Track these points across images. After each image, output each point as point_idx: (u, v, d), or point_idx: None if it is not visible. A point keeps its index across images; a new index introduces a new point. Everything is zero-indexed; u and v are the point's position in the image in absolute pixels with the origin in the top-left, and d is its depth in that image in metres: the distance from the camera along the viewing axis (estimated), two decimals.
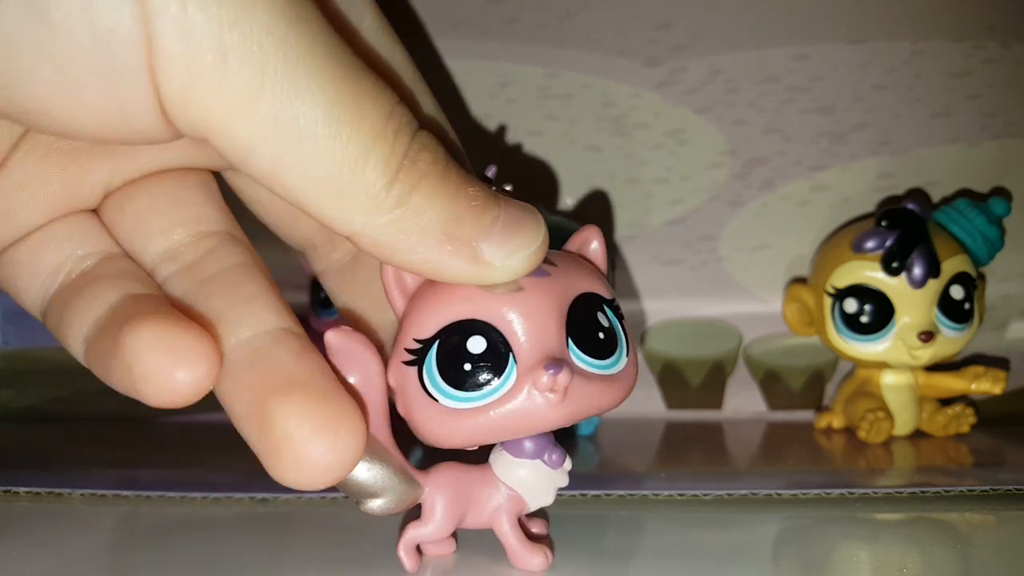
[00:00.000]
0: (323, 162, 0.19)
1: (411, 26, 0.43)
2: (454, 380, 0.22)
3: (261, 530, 0.28)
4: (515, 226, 0.21)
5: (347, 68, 0.19)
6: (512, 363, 0.22)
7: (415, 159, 0.20)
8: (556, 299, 0.23)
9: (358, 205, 0.19)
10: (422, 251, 0.20)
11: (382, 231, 0.20)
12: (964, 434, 0.41)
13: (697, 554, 0.27)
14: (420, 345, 0.22)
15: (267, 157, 0.19)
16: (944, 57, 0.44)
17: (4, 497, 0.31)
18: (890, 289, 0.39)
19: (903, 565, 0.26)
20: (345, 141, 0.19)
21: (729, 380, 0.47)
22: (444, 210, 0.20)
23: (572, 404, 0.22)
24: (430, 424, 0.23)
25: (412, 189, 0.20)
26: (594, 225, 0.25)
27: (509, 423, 0.22)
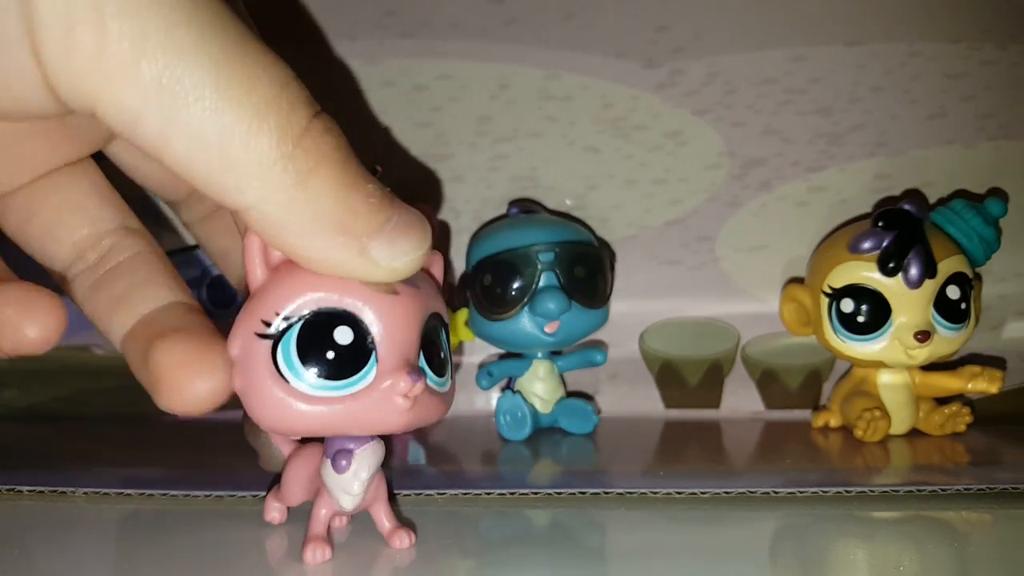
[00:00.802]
0: (212, 126, 0.18)
1: (411, 28, 0.43)
2: (313, 364, 0.22)
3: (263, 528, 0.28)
4: (405, 230, 0.21)
5: (236, 35, 0.19)
6: (373, 361, 0.22)
7: (317, 140, 0.19)
8: (419, 311, 0.23)
9: (251, 175, 0.19)
10: (312, 238, 0.20)
11: (276, 208, 0.19)
12: (960, 433, 0.41)
13: (695, 551, 0.27)
14: (279, 320, 0.22)
15: (154, 122, 0.18)
16: (941, 59, 0.44)
17: (8, 496, 0.31)
18: (887, 289, 0.39)
19: (900, 563, 0.26)
20: (235, 104, 0.18)
21: (727, 379, 0.47)
22: (342, 201, 0.20)
23: (415, 413, 0.23)
24: (271, 403, 0.22)
25: (311, 171, 0.19)
26: (436, 251, 0.25)
27: (354, 419, 0.22)
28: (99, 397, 0.45)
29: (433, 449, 0.40)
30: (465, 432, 0.43)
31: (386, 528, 0.26)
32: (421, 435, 0.41)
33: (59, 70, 0.18)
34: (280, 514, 0.28)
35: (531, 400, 0.41)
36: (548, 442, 0.40)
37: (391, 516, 0.26)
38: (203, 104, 0.18)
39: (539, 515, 0.30)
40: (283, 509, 0.28)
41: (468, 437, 0.42)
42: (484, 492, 0.31)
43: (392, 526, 0.26)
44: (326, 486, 0.25)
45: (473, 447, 0.40)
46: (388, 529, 0.26)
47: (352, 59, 0.43)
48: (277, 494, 0.28)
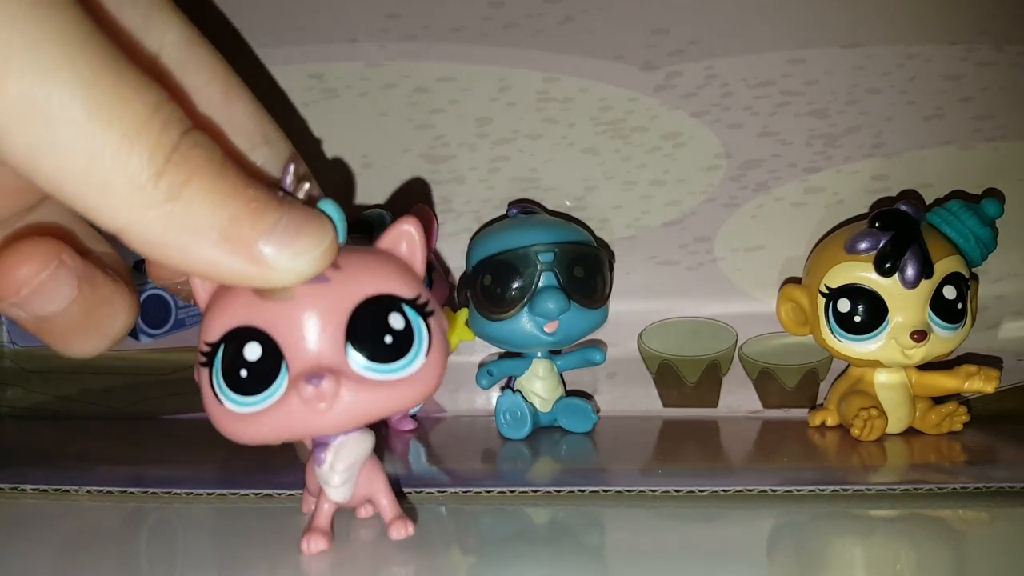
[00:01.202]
0: (82, 148, 0.18)
1: (412, 30, 0.43)
2: (233, 385, 0.23)
3: (266, 526, 0.29)
4: (298, 229, 0.21)
5: (105, 55, 0.18)
6: (284, 371, 0.22)
7: (187, 155, 0.19)
8: (334, 305, 0.23)
9: (123, 196, 0.18)
10: (196, 250, 0.20)
11: (151, 227, 0.19)
12: (957, 432, 0.41)
13: (693, 549, 0.27)
14: (209, 348, 0.23)
15: (21, 143, 0.18)
16: (937, 60, 0.44)
17: (11, 494, 0.31)
18: (883, 289, 0.39)
19: (897, 561, 0.26)
20: (105, 126, 0.18)
21: (725, 379, 0.47)
22: (219, 208, 0.19)
23: (345, 411, 0.22)
24: (220, 423, 0.23)
25: (183, 184, 0.19)
26: (411, 217, 0.25)
27: (285, 428, 0.23)
28: (102, 396, 0.45)
29: (433, 448, 0.40)
30: (465, 431, 0.43)
31: (387, 518, 0.26)
32: (422, 434, 0.42)
33: None
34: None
35: (531, 399, 0.41)
36: (548, 441, 0.40)
37: (394, 506, 0.26)
38: (72, 127, 0.17)
39: (539, 513, 0.30)
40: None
41: (468, 436, 0.42)
42: (484, 490, 0.31)
43: (392, 516, 0.26)
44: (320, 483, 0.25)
45: (473, 446, 0.40)
46: (388, 520, 0.26)
47: (353, 61, 0.43)
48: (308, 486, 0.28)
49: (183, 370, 0.45)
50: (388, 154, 0.45)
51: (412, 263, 0.25)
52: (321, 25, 0.43)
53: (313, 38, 0.43)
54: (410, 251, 0.25)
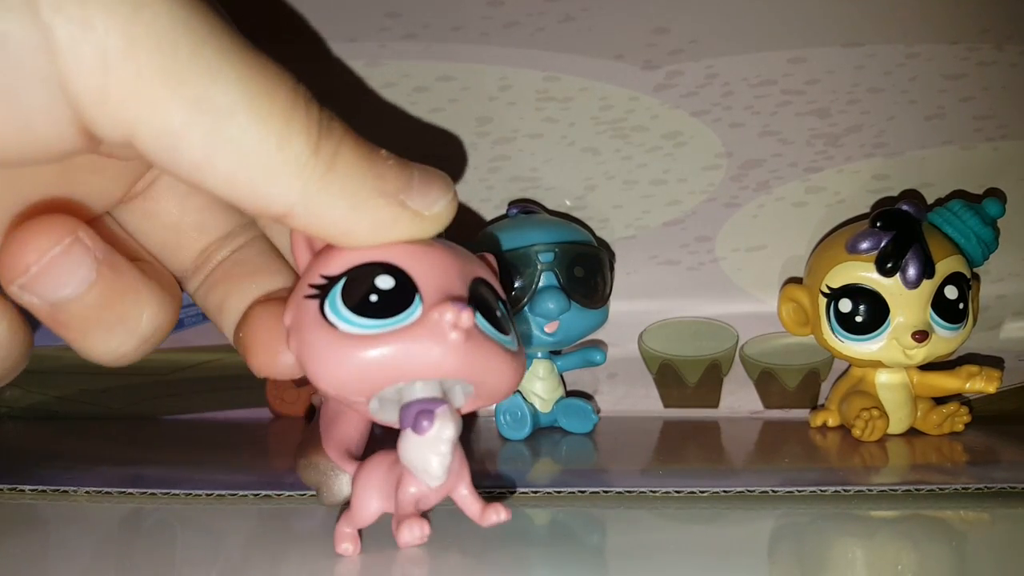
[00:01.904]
0: (252, 139, 0.19)
1: (412, 29, 0.43)
2: (358, 307, 0.22)
3: (265, 527, 0.28)
4: (429, 179, 0.22)
5: (247, 47, 0.19)
6: (418, 300, 0.22)
7: (330, 126, 0.20)
8: (461, 265, 0.23)
9: (293, 176, 0.20)
10: (357, 211, 0.21)
11: (319, 199, 0.20)
12: (958, 432, 0.41)
13: (693, 550, 0.27)
14: (326, 281, 0.22)
15: (197, 144, 0.19)
16: (939, 60, 0.44)
17: (10, 495, 0.31)
18: (884, 289, 0.39)
19: (898, 562, 0.26)
20: (267, 115, 0.19)
21: (725, 379, 0.47)
22: (369, 170, 0.21)
23: (471, 355, 0.22)
24: (323, 353, 0.22)
25: (335, 154, 0.20)
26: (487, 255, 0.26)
27: (407, 358, 0.22)
28: (100, 396, 0.45)
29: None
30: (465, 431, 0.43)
31: (475, 509, 0.25)
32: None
33: (94, 102, 0.18)
34: (354, 543, 0.26)
35: (531, 399, 0.41)
36: (548, 441, 0.40)
37: (476, 497, 0.25)
38: (238, 120, 0.19)
39: (539, 514, 0.30)
40: (356, 537, 0.26)
41: (468, 436, 0.42)
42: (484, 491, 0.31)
43: (481, 505, 0.25)
44: (410, 465, 0.24)
45: (473, 446, 0.40)
46: (478, 510, 0.25)
47: (353, 60, 0.43)
48: (348, 518, 0.26)
49: (182, 370, 0.45)
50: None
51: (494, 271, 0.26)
52: (320, 24, 0.43)
53: (312, 37, 0.43)
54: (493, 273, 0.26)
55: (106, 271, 0.21)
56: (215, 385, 0.45)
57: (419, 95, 0.44)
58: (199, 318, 0.45)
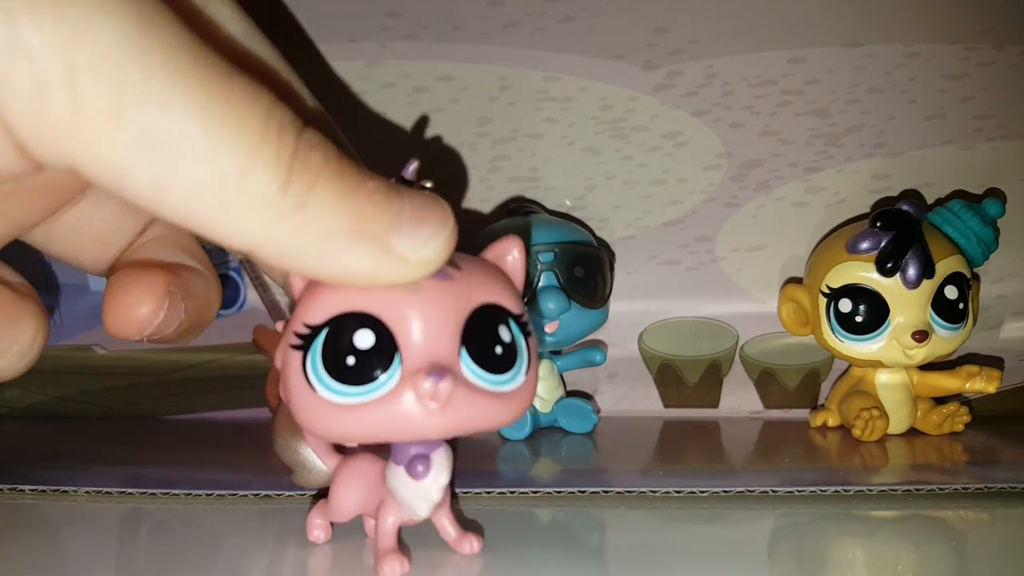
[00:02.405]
0: (207, 173, 0.17)
1: (412, 29, 0.43)
2: (336, 372, 0.21)
3: (264, 527, 0.28)
4: (423, 215, 0.20)
5: (214, 69, 0.17)
6: (397, 364, 0.21)
7: (306, 158, 0.18)
8: (455, 304, 0.22)
9: (254, 214, 0.18)
10: (331, 255, 0.19)
11: (286, 240, 0.18)
12: (958, 432, 0.41)
13: (694, 550, 0.27)
14: (309, 331, 0.21)
15: (145, 178, 0.17)
16: (938, 60, 0.44)
17: (10, 495, 0.31)
18: (884, 289, 0.39)
19: (898, 562, 0.26)
20: (227, 147, 0.17)
21: (725, 379, 0.47)
22: (347, 208, 0.19)
23: (453, 416, 0.21)
24: (306, 413, 0.22)
25: (308, 190, 0.18)
26: (516, 236, 0.24)
27: (385, 426, 0.21)
28: (101, 396, 0.45)
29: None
30: None
31: (451, 536, 0.25)
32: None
33: (30, 133, 0.16)
34: (325, 532, 0.27)
35: None
36: (548, 441, 0.40)
37: (455, 523, 0.26)
38: (195, 153, 0.17)
39: (539, 514, 0.30)
40: (327, 527, 0.27)
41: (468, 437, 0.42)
42: (484, 491, 0.31)
43: (458, 533, 0.25)
44: (396, 495, 0.24)
45: (473, 446, 0.40)
46: (454, 537, 0.25)
47: (353, 60, 0.43)
48: (322, 510, 0.26)
49: (182, 370, 0.45)
50: (387, 154, 0.45)
51: (515, 279, 0.24)
52: (320, 24, 0.43)
53: (312, 37, 0.43)
54: (513, 268, 0.24)
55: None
56: (215, 385, 0.45)
57: (419, 95, 0.44)
58: None
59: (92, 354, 0.45)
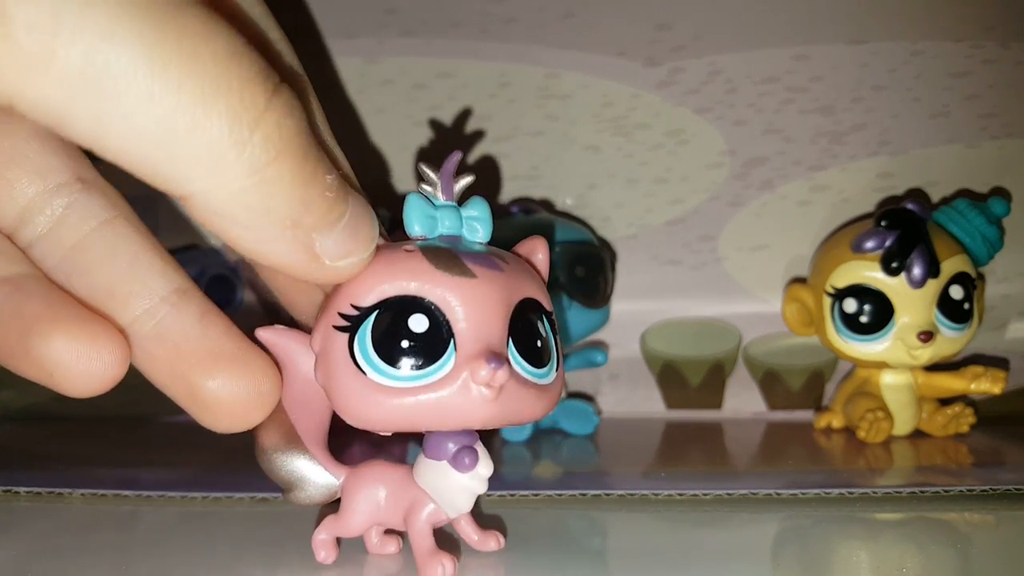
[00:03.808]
0: (149, 116, 0.16)
1: (411, 26, 0.43)
2: (388, 355, 0.21)
3: (261, 530, 0.28)
4: (356, 227, 0.20)
5: (168, 2, 0.16)
6: (452, 349, 0.21)
7: (278, 124, 0.17)
8: (505, 295, 0.22)
9: (199, 165, 0.16)
10: (259, 230, 0.18)
11: (224, 200, 0.17)
12: (963, 434, 0.41)
13: (697, 553, 0.27)
14: (357, 312, 0.21)
15: (83, 118, 0.16)
16: (943, 57, 0.44)
17: (5, 497, 0.31)
18: (889, 289, 0.39)
19: (903, 565, 0.26)
20: (175, 89, 0.16)
21: (729, 380, 0.47)
22: (299, 194, 0.18)
23: (503, 405, 0.21)
24: (351, 398, 0.22)
25: (270, 162, 0.17)
26: (541, 237, 0.25)
27: (436, 411, 0.21)
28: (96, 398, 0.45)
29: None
30: None
31: (474, 538, 0.25)
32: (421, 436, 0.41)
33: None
34: (334, 551, 0.25)
35: None
36: (549, 443, 0.40)
37: (475, 525, 0.25)
38: (136, 92, 0.15)
39: (540, 517, 0.30)
40: (334, 544, 0.25)
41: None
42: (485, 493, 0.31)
43: (480, 535, 0.25)
44: (434, 493, 0.24)
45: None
46: (477, 539, 0.25)
47: (352, 57, 0.43)
48: (332, 527, 0.25)
49: None
50: (386, 151, 0.44)
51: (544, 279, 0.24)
52: (318, 20, 0.43)
53: (310, 33, 0.43)
54: (542, 265, 0.24)
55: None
56: None
57: (418, 92, 0.44)
58: None
59: None
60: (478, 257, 0.22)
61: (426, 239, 0.23)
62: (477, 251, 0.22)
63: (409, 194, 0.23)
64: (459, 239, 0.23)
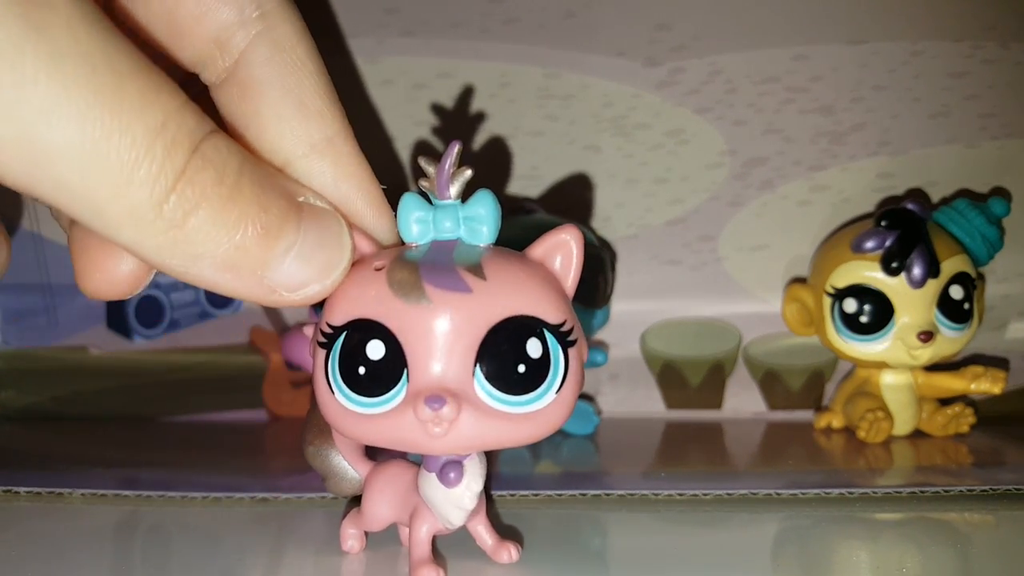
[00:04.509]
0: (79, 183, 0.16)
1: (411, 26, 0.43)
2: (349, 380, 0.21)
3: (261, 530, 0.28)
4: (311, 256, 0.19)
5: (109, 74, 0.16)
6: (404, 380, 0.21)
7: (193, 179, 0.17)
8: (471, 320, 0.20)
9: (123, 223, 0.17)
10: (199, 273, 0.18)
11: (153, 251, 0.18)
12: (963, 434, 0.41)
13: (697, 554, 0.27)
14: (331, 331, 0.21)
15: (18, 171, 0.16)
16: (943, 57, 0.44)
17: (4, 497, 0.31)
18: (889, 289, 0.39)
19: (902, 564, 0.26)
20: (103, 159, 0.16)
21: (729, 380, 0.47)
22: (224, 239, 0.18)
23: (458, 438, 0.21)
24: (328, 413, 0.22)
25: (188, 214, 0.17)
26: (573, 227, 0.23)
27: (394, 439, 0.21)
28: (96, 398, 0.45)
29: None
30: None
31: (488, 544, 0.25)
32: None
33: None
34: (359, 542, 0.26)
35: None
36: (548, 444, 0.40)
37: (492, 531, 0.25)
38: (66, 163, 0.16)
39: (540, 517, 0.30)
40: (361, 536, 0.26)
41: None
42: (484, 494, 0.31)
43: (495, 541, 0.25)
44: (429, 503, 0.23)
45: None
46: (491, 545, 0.25)
47: (351, 57, 0.43)
48: (356, 519, 0.26)
49: (178, 371, 0.45)
50: (386, 151, 0.44)
51: (563, 281, 0.23)
52: (318, 20, 0.43)
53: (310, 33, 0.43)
54: (564, 267, 0.23)
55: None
56: (211, 386, 0.45)
57: (418, 92, 0.44)
58: (195, 318, 0.45)
59: (87, 355, 0.44)
60: (447, 276, 0.21)
61: (417, 246, 0.22)
62: (454, 264, 0.21)
63: (404, 194, 0.22)
64: (454, 244, 0.22)
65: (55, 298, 0.43)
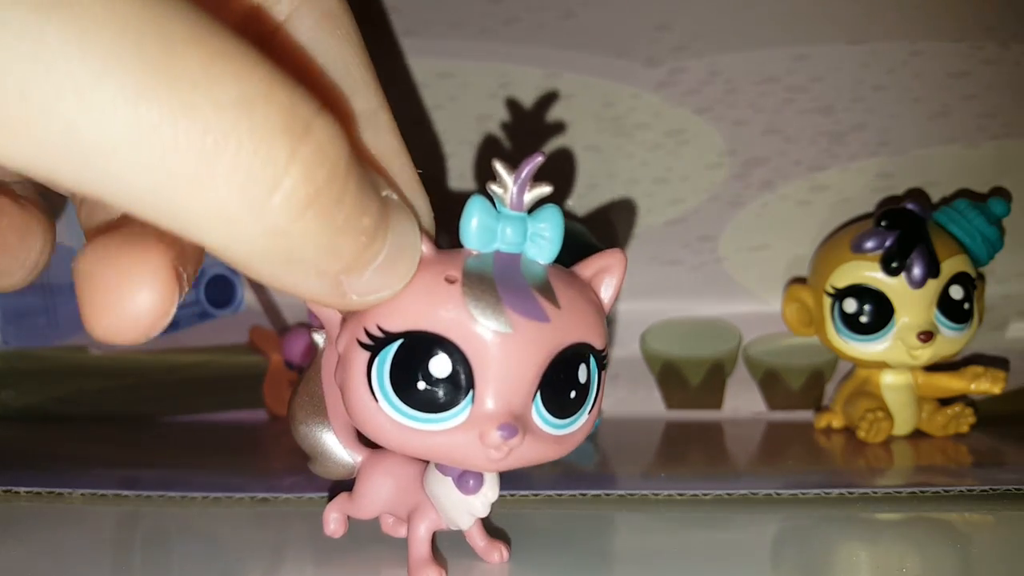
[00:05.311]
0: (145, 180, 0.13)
1: (411, 26, 0.43)
2: (403, 392, 0.20)
3: (261, 530, 0.28)
4: (391, 266, 0.18)
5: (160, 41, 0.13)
6: (469, 401, 0.20)
7: (306, 177, 0.15)
8: (542, 350, 0.20)
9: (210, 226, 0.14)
10: (282, 277, 0.16)
11: (243, 256, 0.15)
12: (963, 434, 0.41)
13: (697, 554, 0.27)
14: (382, 335, 0.20)
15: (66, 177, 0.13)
16: (943, 58, 0.44)
17: (4, 497, 0.31)
18: (889, 289, 0.39)
19: (902, 564, 0.26)
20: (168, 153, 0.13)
21: (729, 380, 0.47)
22: (327, 245, 0.16)
23: (511, 460, 0.21)
24: (361, 416, 0.21)
25: (295, 220, 0.15)
26: (620, 252, 0.23)
27: (441, 454, 0.21)
28: (96, 398, 0.45)
29: None
30: None
31: (480, 545, 0.25)
32: None
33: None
34: (342, 527, 0.26)
35: None
36: None
37: (483, 532, 0.25)
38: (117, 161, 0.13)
39: (540, 517, 0.30)
40: (344, 520, 0.26)
41: None
42: None
43: (486, 542, 0.25)
44: (438, 504, 0.23)
45: None
46: (482, 546, 0.25)
47: None
48: (344, 505, 0.26)
49: (178, 371, 0.45)
50: None
51: (606, 304, 0.23)
52: None
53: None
54: (607, 290, 0.23)
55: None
56: (211, 386, 0.45)
57: (418, 92, 0.44)
58: (195, 318, 0.45)
59: (87, 355, 0.44)
60: (527, 303, 0.20)
61: (479, 255, 0.21)
62: (529, 287, 0.20)
63: (472, 196, 0.21)
64: (518, 259, 0.21)
65: (55, 298, 0.43)
